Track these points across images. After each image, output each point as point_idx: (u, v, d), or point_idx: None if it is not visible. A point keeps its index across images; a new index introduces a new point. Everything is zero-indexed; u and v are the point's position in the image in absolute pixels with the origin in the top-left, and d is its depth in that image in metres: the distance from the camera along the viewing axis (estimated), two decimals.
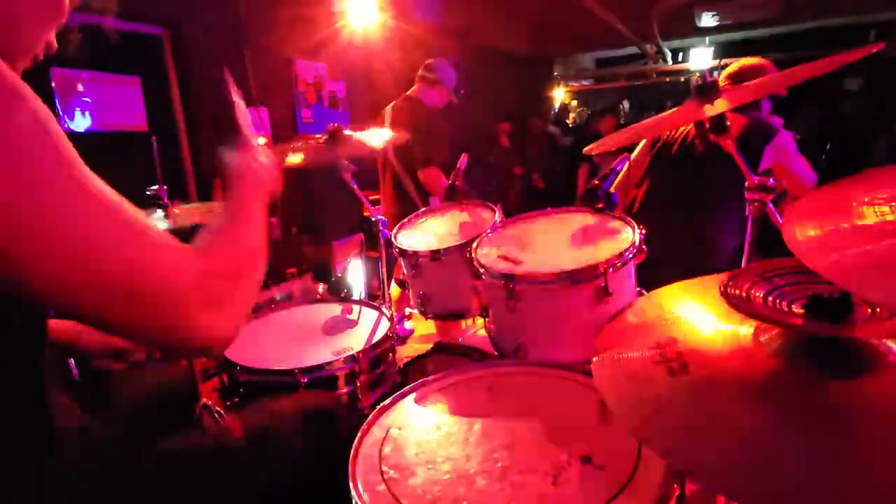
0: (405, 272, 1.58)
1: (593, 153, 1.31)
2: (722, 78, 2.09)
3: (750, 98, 1.17)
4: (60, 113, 2.82)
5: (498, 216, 1.54)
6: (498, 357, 1.29)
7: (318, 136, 1.75)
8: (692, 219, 1.96)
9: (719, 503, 1.09)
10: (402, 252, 1.53)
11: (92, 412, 0.97)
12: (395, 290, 2.82)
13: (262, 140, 3.80)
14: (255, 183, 0.83)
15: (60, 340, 1.04)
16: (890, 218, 0.59)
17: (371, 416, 0.97)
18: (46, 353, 0.69)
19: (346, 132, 1.73)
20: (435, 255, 1.46)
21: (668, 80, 9.79)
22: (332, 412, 1.01)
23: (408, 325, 3.40)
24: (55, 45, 0.69)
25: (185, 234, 0.73)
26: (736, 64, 2.11)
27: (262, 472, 0.87)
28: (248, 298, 0.71)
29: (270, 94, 3.94)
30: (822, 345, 0.67)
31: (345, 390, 1.33)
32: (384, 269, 1.92)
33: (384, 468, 0.83)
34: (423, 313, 1.56)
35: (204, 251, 0.66)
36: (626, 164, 1.90)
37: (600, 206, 1.33)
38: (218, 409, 1.49)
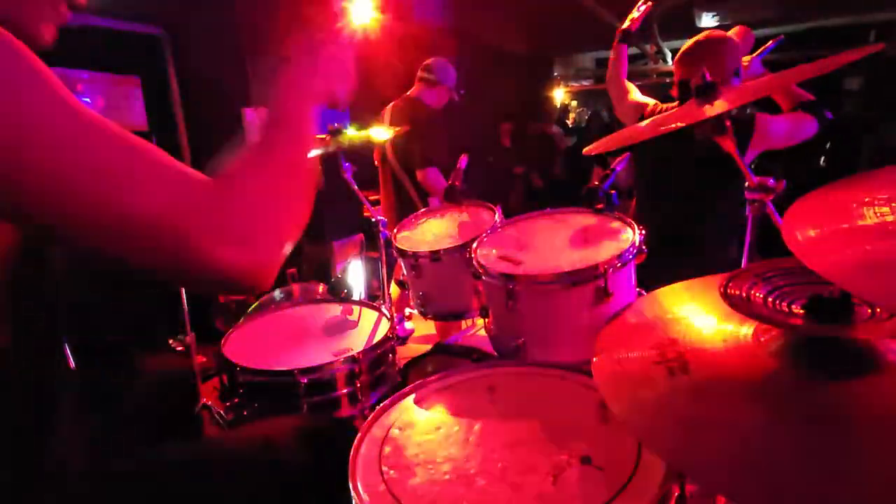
0: (405, 273, 1.58)
1: (592, 154, 1.30)
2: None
3: (749, 98, 1.17)
4: None
5: (498, 216, 1.54)
6: (498, 357, 1.29)
7: (318, 135, 1.75)
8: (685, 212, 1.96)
9: (719, 503, 1.09)
10: (402, 252, 1.53)
11: (92, 412, 0.97)
12: (395, 290, 2.82)
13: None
14: (307, 82, 0.74)
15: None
16: (890, 218, 0.59)
17: (371, 416, 0.97)
18: (50, 354, 0.69)
19: (346, 132, 1.73)
20: (435, 255, 1.46)
21: (668, 80, 9.78)
22: (331, 431, 1.01)
23: (408, 325, 3.40)
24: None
25: None
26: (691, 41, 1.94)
27: (261, 475, 0.87)
28: (286, 225, 0.64)
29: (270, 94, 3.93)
30: (822, 345, 0.67)
31: (345, 391, 1.33)
32: (384, 270, 1.93)
33: (384, 468, 0.83)
34: (423, 314, 1.56)
35: (225, 177, 0.60)
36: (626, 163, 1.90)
37: (600, 206, 1.32)
38: (218, 409, 1.49)
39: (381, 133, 1.88)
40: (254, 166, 0.63)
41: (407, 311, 3.28)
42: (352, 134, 1.72)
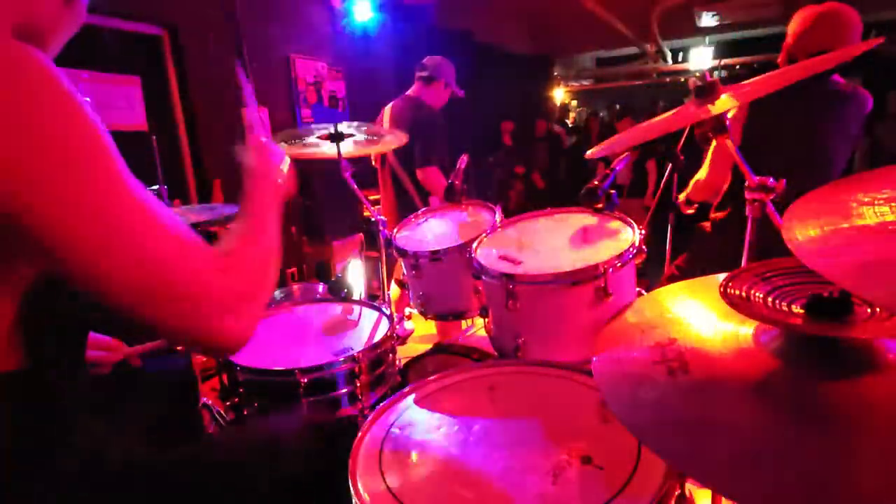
0: (405, 272, 1.58)
1: (596, 157, 1.30)
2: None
3: (750, 98, 1.17)
4: None
5: (498, 216, 1.54)
6: (498, 357, 1.29)
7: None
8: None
9: (719, 503, 1.09)
10: (402, 252, 1.53)
11: (92, 412, 0.97)
12: (395, 290, 2.82)
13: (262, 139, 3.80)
14: (269, 184, 0.85)
15: None
16: (890, 218, 0.59)
17: (371, 416, 0.97)
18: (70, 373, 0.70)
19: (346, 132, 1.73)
20: (435, 255, 1.46)
21: (668, 80, 9.80)
22: (332, 430, 1.01)
23: (408, 325, 3.40)
24: None
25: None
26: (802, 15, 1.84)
27: (262, 473, 0.87)
28: (264, 300, 0.72)
29: (270, 94, 3.94)
30: (822, 345, 0.67)
31: (345, 390, 1.33)
32: (384, 269, 1.93)
33: (384, 468, 0.83)
34: (424, 313, 1.56)
35: (227, 254, 0.68)
36: (626, 163, 1.90)
37: (600, 206, 1.32)
38: (218, 409, 1.49)
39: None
40: (246, 248, 0.71)
41: (407, 311, 3.28)
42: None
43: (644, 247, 1.17)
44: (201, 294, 0.61)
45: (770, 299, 0.72)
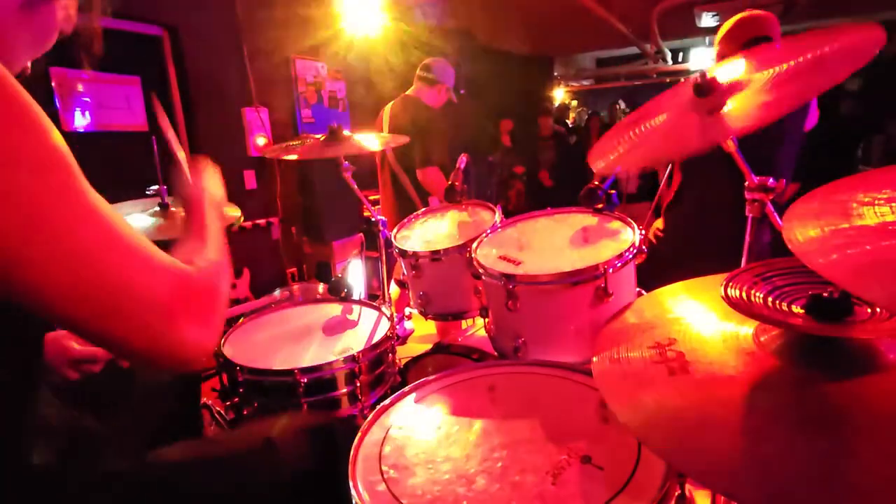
0: (405, 272, 1.58)
1: (599, 168, 1.29)
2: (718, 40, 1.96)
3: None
4: (60, 113, 2.81)
5: (498, 216, 1.54)
6: (498, 357, 1.29)
7: (318, 135, 1.75)
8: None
9: (719, 503, 1.09)
10: (402, 252, 1.53)
11: (92, 413, 0.97)
12: (395, 290, 2.82)
13: (262, 140, 3.80)
14: (210, 206, 0.86)
15: None
16: (890, 218, 0.59)
17: (371, 416, 0.97)
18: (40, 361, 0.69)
19: (346, 132, 1.73)
20: (435, 255, 1.47)
21: (668, 80, 9.80)
22: (332, 430, 1.01)
23: (408, 325, 3.40)
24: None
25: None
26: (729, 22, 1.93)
27: (262, 474, 0.87)
28: (223, 310, 0.71)
29: (270, 94, 3.94)
30: (822, 345, 0.67)
31: (345, 390, 1.33)
32: (384, 269, 1.92)
33: (384, 468, 0.83)
34: (424, 313, 1.56)
35: (187, 267, 0.65)
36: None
37: (600, 206, 1.33)
38: (218, 409, 1.49)
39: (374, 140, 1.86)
40: (203, 262, 0.70)
41: (407, 311, 3.28)
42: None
43: (644, 247, 1.17)
44: (165, 308, 0.59)
45: (770, 299, 0.72)
